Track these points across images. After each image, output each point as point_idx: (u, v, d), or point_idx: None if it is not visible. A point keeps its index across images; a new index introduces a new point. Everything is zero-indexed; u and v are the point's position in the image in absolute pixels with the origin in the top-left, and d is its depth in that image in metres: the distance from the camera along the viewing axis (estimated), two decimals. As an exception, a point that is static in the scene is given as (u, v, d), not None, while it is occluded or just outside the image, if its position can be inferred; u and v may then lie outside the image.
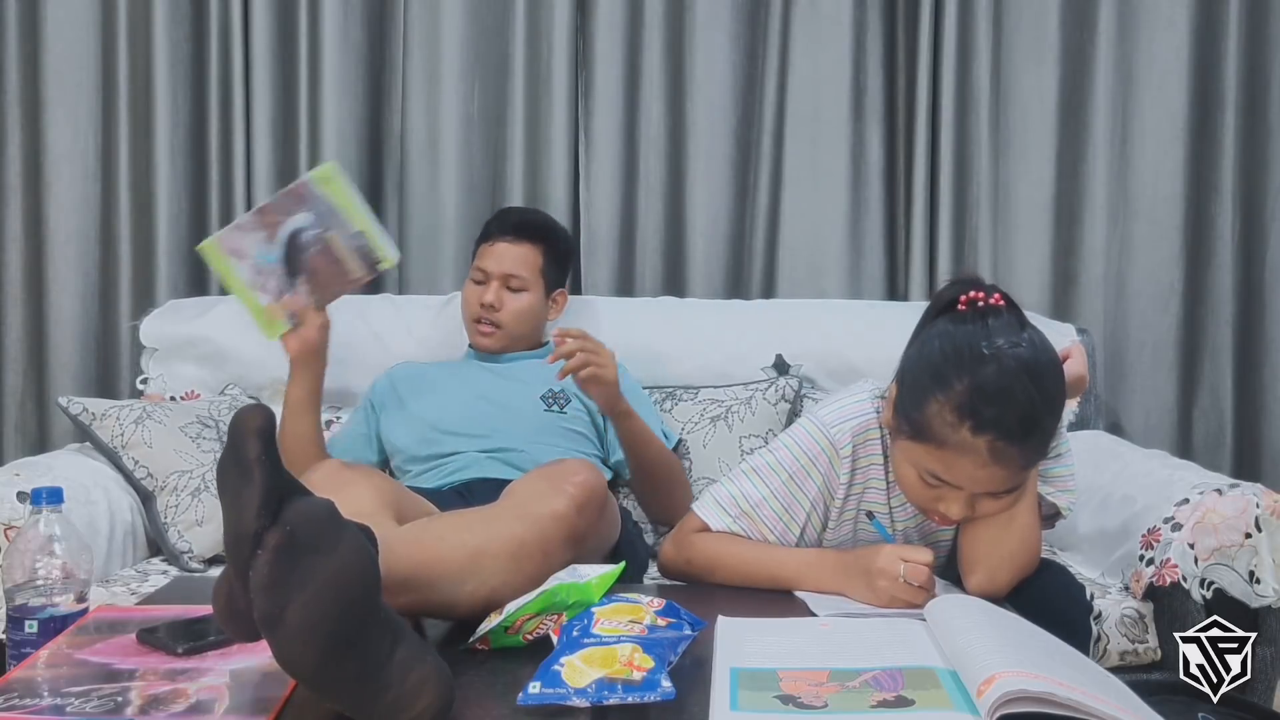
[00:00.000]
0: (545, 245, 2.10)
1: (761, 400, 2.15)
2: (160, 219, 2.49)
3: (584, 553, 1.31)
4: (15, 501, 1.70)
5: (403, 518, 1.38)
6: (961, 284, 1.30)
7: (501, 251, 2.06)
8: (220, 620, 0.95)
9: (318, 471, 1.44)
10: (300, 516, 0.89)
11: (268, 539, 0.87)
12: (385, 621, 0.92)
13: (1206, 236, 2.52)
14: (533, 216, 2.18)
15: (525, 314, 2.07)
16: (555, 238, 2.15)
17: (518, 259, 2.06)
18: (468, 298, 2.10)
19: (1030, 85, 2.51)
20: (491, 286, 2.05)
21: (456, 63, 2.49)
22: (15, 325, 2.54)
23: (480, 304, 2.05)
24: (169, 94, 2.48)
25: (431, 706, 0.91)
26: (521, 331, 2.08)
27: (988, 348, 1.21)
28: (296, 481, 0.93)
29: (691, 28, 2.50)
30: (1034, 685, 0.90)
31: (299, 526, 0.88)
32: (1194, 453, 2.51)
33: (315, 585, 0.87)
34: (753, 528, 1.39)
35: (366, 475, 1.46)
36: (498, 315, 2.04)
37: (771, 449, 1.42)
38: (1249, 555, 1.64)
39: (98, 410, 1.95)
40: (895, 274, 2.55)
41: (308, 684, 0.91)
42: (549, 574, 1.17)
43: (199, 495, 1.90)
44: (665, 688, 0.94)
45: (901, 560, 1.26)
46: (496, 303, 2.04)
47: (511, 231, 2.08)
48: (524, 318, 2.07)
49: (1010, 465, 1.22)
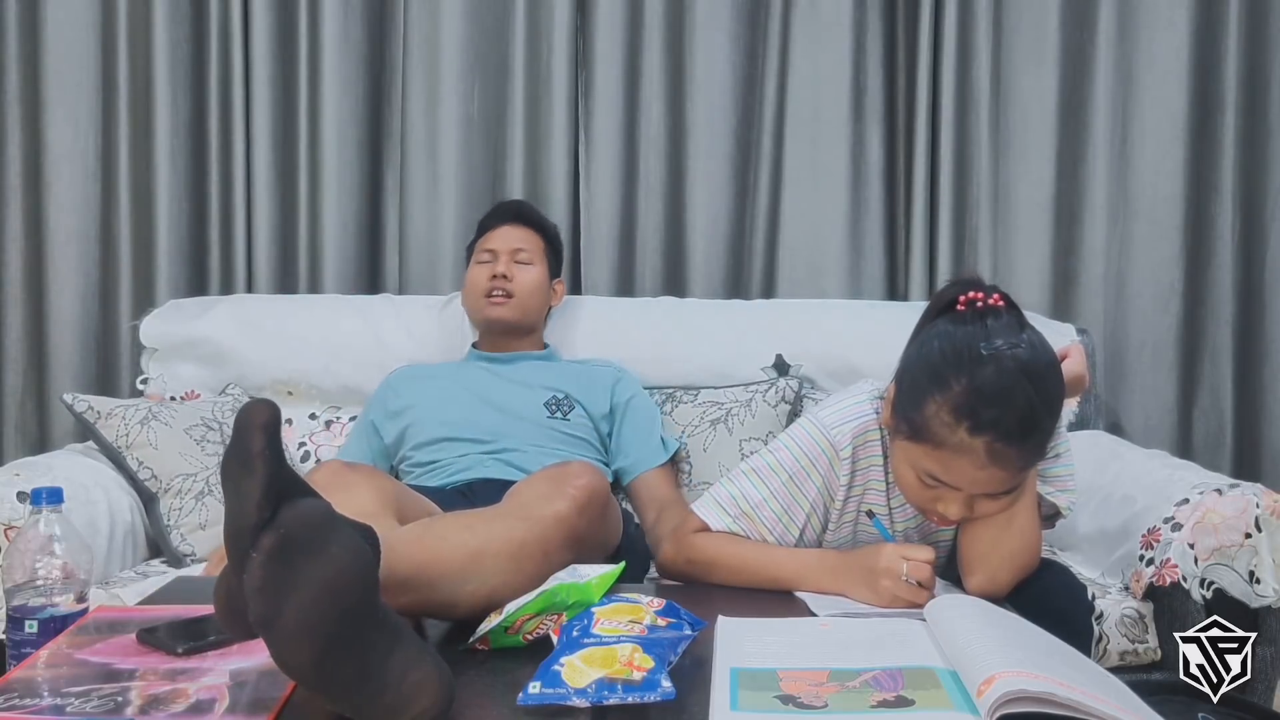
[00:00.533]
0: (544, 233, 2.20)
1: (761, 402, 2.15)
2: (160, 219, 2.49)
3: (585, 553, 1.31)
4: (15, 501, 1.70)
5: (404, 518, 1.38)
6: (961, 284, 1.30)
7: (506, 233, 2.14)
8: (221, 619, 0.95)
9: (321, 471, 1.44)
10: (296, 519, 0.88)
11: (263, 541, 0.87)
12: (384, 623, 0.92)
13: (1206, 236, 2.52)
14: (529, 207, 2.26)
15: (536, 285, 2.11)
16: (551, 229, 2.24)
17: (521, 238, 2.14)
18: (475, 278, 2.12)
19: (1030, 85, 2.50)
20: (501, 259, 2.10)
21: (456, 63, 2.49)
22: (15, 325, 2.54)
23: (491, 277, 2.09)
24: (169, 94, 2.48)
25: (431, 708, 0.91)
26: (532, 304, 2.09)
27: (986, 348, 1.21)
28: (298, 478, 0.93)
29: (691, 28, 2.50)
30: (1034, 685, 0.90)
31: (294, 529, 0.88)
32: (1194, 453, 2.51)
33: (311, 588, 0.87)
34: (752, 528, 1.39)
35: (369, 476, 1.46)
36: (510, 284, 2.08)
37: (771, 450, 1.42)
38: (1249, 555, 1.64)
39: (103, 409, 1.95)
40: (895, 274, 2.55)
41: (305, 684, 0.91)
42: (549, 574, 1.17)
43: (203, 499, 1.90)
44: (665, 688, 0.94)
45: (904, 559, 1.25)
46: (508, 273, 2.08)
47: (513, 218, 2.18)
48: (534, 289, 2.11)
49: (1008, 466, 1.22)
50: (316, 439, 2.23)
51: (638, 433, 2.03)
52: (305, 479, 0.95)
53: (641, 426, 2.04)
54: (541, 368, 2.08)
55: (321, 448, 2.22)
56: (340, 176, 2.51)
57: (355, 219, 2.55)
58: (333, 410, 2.27)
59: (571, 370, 2.10)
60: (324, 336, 2.27)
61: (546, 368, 2.10)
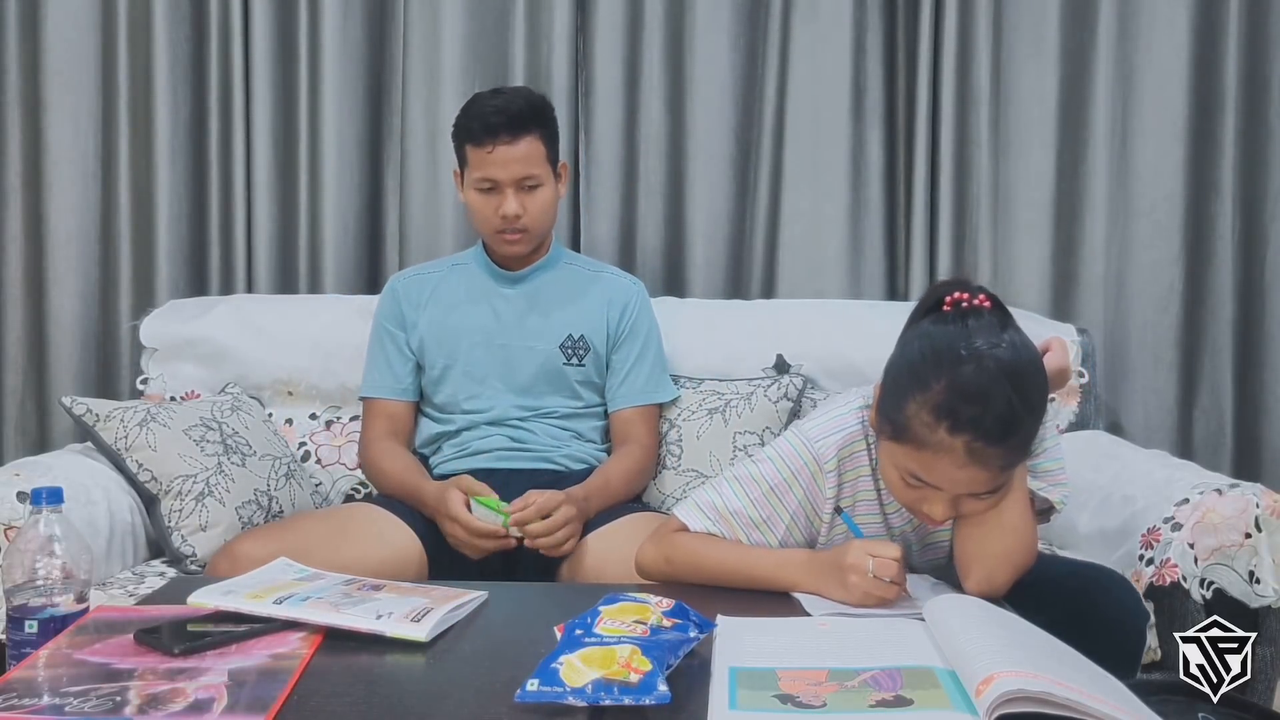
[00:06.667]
0: (539, 129, 1.96)
1: (762, 397, 2.15)
2: (160, 219, 2.49)
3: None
4: (15, 501, 1.70)
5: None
6: (948, 285, 1.30)
7: (504, 156, 1.91)
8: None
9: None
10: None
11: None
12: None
13: (1206, 236, 2.52)
14: (514, 104, 1.94)
15: (548, 206, 1.99)
16: (543, 112, 1.99)
17: (523, 158, 1.92)
18: (481, 210, 1.97)
19: (1030, 85, 2.50)
20: (507, 195, 1.93)
21: (456, 63, 2.49)
22: (15, 325, 2.54)
23: (501, 216, 1.94)
24: (169, 94, 2.48)
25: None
26: (547, 224, 2.02)
27: (966, 349, 1.21)
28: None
29: (691, 28, 2.50)
30: (1032, 685, 0.90)
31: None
32: (1194, 453, 2.50)
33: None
34: (729, 533, 1.40)
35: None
36: (522, 221, 1.95)
37: (756, 460, 1.43)
38: (1249, 555, 1.64)
39: (101, 411, 1.95)
40: (895, 274, 2.55)
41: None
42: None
43: (203, 500, 1.90)
44: (661, 691, 0.94)
45: (870, 556, 1.26)
46: (519, 208, 1.93)
47: (505, 131, 1.91)
48: (547, 210, 1.99)
49: (989, 466, 1.22)
50: (316, 439, 2.24)
51: (632, 365, 2.06)
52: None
53: (642, 361, 2.07)
54: (557, 283, 2.07)
55: (322, 448, 2.23)
56: (340, 176, 2.51)
57: (355, 219, 2.55)
58: (333, 410, 2.27)
59: (585, 288, 2.08)
60: (324, 336, 2.27)
61: (561, 282, 2.07)
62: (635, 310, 2.08)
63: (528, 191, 1.95)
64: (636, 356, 2.06)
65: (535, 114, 1.96)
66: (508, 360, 2.02)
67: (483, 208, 1.97)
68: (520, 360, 2.02)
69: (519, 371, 2.02)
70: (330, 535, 1.75)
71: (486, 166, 1.93)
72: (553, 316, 2.04)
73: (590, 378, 2.05)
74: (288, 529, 1.82)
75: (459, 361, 2.02)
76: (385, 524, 1.81)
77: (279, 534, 1.76)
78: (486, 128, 1.91)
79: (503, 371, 2.02)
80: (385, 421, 2.04)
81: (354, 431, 2.22)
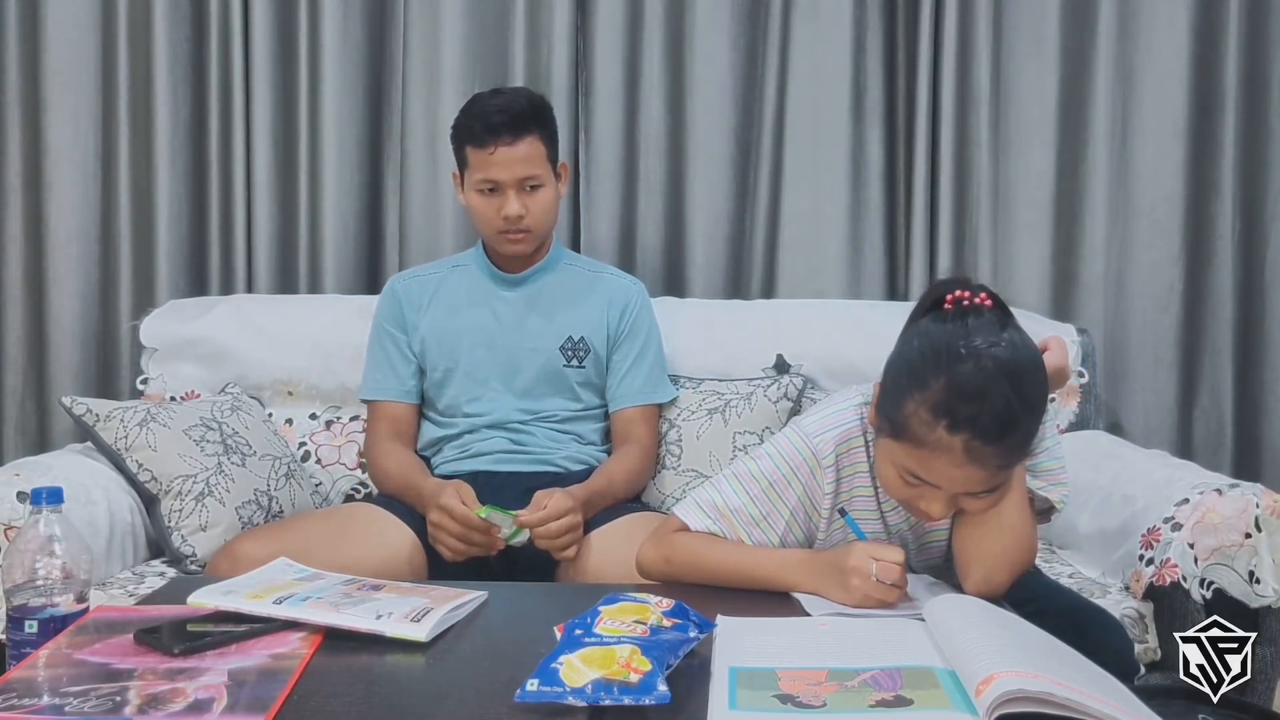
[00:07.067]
0: (540, 129, 1.96)
1: (762, 397, 2.15)
2: (160, 219, 2.49)
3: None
4: (15, 501, 1.70)
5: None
6: (948, 284, 1.30)
7: (505, 157, 1.91)
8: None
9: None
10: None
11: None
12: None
13: (1206, 236, 2.52)
14: (515, 104, 1.94)
15: (550, 206, 1.99)
16: (543, 112, 1.99)
17: (524, 159, 1.92)
18: (483, 211, 1.97)
19: (1030, 85, 2.50)
20: (509, 197, 1.93)
21: (456, 63, 2.49)
22: (15, 325, 2.54)
23: (504, 218, 1.94)
24: (169, 94, 2.48)
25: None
26: (549, 223, 2.02)
27: (965, 347, 1.21)
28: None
29: (691, 28, 2.50)
30: (1032, 685, 0.90)
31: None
32: (1194, 453, 2.50)
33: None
34: (730, 531, 1.40)
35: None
36: (525, 220, 1.95)
37: (754, 456, 1.43)
38: (1249, 555, 1.64)
39: (101, 411, 1.95)
40: (895, 274, 2.55)
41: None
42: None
43: (203, 500, 1.90)
44: (660, 691, 0.94)
45: (873, 559, 1.26)
46: (522, 209, 1.93)
47: (506, 131, 1.91)
48: (550, 210, 2.00)
49: (987, 465, 1.22)
50: (316, 439, 2.24)
51: (631, 365, 2.06)
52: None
53: (641, 360, 2.07)
54: (557, 284, 2.07)
55: (322, 448, 2.23)
56: (340, 176, 2.51)
57: (355, 219, 2.55)
58: (333, 410, 2.27)
59: (585, 289, 2.09)
60: (324, 336, 2.27)
61: (561, 284, 2.08)
62: (635, 310, 2.09)
63: (529, 192, 1.95)
64: (636, 356, 2.07)
65: (536, 114, 1.96)
66: (508, 362, 2.02)
67: (484, 209, 1.97)
68: (521, 362, 2.03)
69: (520, 373, 2.02)
70: (330, 535, 1.76)
71: (488, 168, 1.93)
72: (553, 318, 2.04)
73: (590, 379, 2.05)
74: (288, 529, 1.83)
75: (460, 364, 2.03)
76: (385, 524, 1.81)
77: (279, 534, 1.77)
78: (488, 128, 1.91)
79: (504, 374, 2.02)
80: (389, 423, 2.04)
81: (354, 432, 2.22)
